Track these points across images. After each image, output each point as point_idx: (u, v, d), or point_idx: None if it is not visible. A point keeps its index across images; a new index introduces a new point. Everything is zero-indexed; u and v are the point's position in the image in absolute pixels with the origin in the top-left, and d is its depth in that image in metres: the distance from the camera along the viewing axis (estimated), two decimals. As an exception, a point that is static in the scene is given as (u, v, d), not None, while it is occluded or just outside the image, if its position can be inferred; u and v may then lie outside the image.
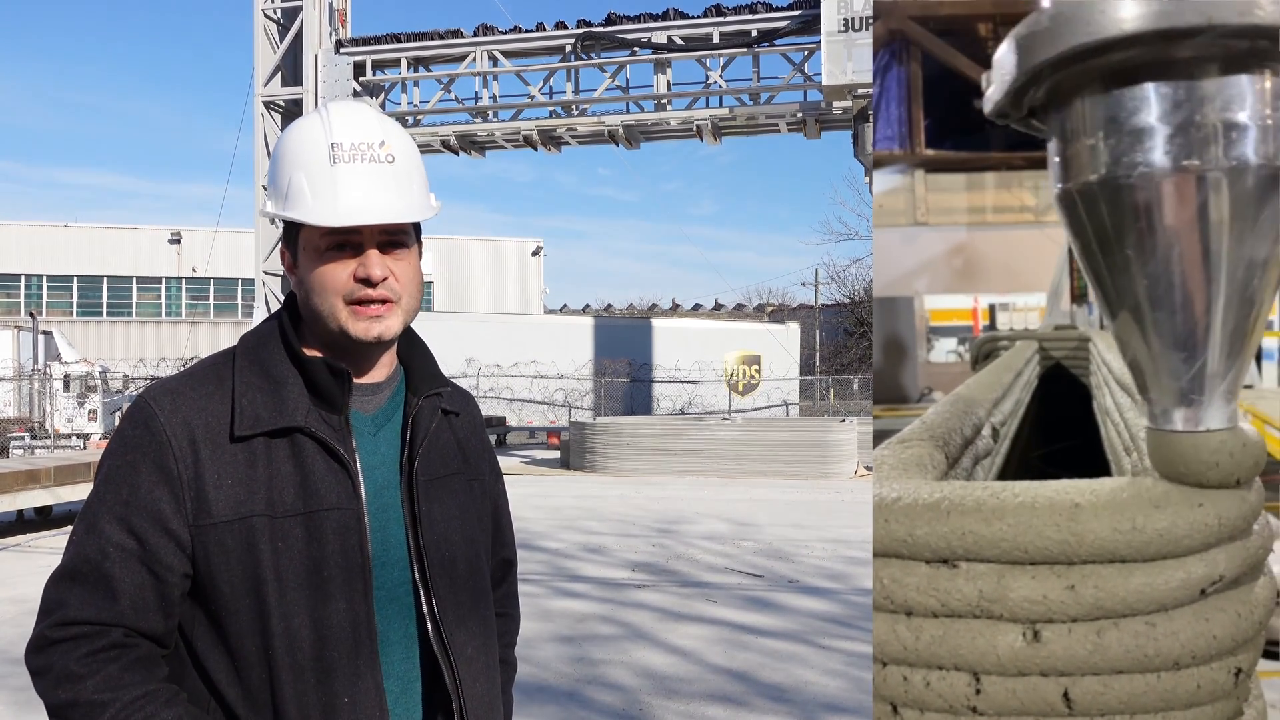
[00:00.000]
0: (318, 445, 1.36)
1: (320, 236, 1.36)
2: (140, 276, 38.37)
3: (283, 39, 17.50)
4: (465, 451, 1.55)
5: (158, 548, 1.30)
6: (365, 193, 1.35)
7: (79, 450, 19.79)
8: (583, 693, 5.47)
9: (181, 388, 1.37)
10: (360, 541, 1.35)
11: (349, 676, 1.32)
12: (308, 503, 1.34)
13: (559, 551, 9.91)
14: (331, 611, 1.32)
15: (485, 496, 1.59)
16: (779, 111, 16.15)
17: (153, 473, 1.31)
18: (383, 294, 1.37)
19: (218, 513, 1.31)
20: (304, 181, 1.35)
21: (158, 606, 1.31)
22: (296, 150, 1.38)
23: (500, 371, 26.80)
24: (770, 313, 47.56)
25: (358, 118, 1.39)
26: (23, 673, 6.36)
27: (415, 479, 1.43)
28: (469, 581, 1.47)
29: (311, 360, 1.39)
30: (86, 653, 1.26)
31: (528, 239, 41.67)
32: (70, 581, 1.30)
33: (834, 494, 15.24)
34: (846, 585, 8.25)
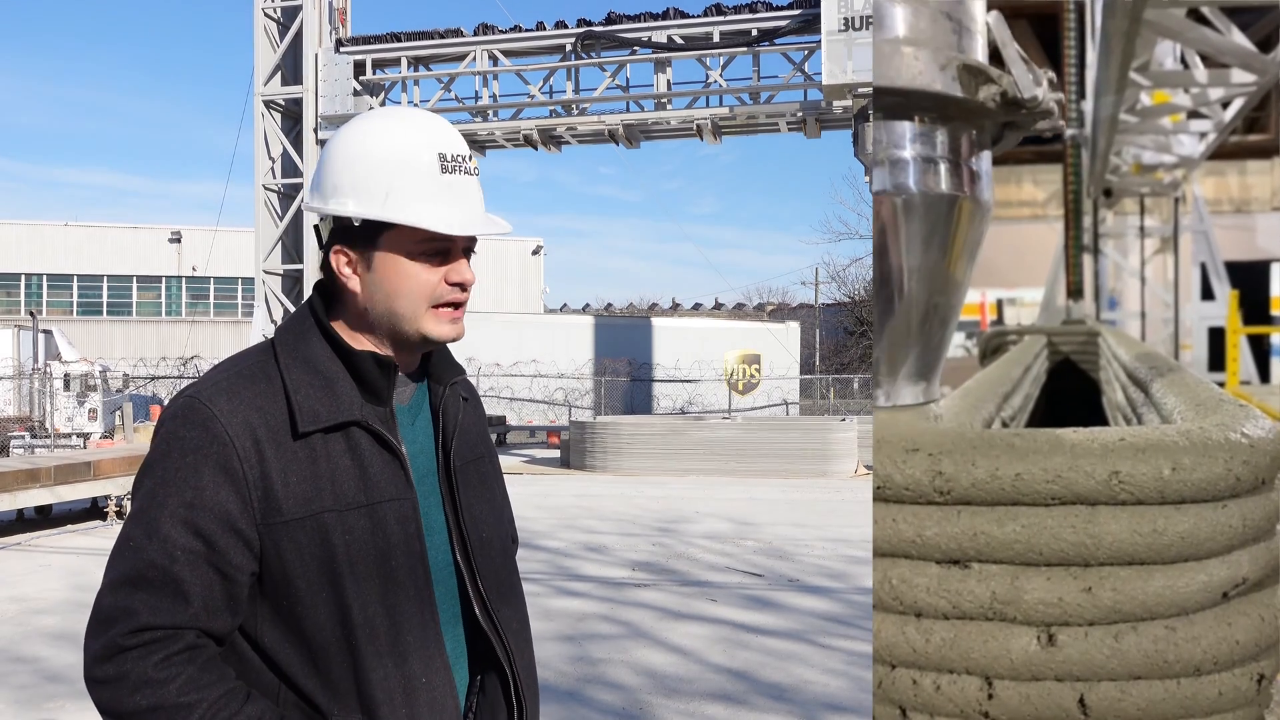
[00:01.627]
0: (371, 438, 1.40)
1: (416, 242, 1.41)
2: (140, 276, 38.35)
3: (283, 38, 17.49)
4: (483, 434, 1.64)
5: (227, 548, 1.32)
6: (467, 204, 1.43)
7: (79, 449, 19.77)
8: (583, 692, 5.46)
9: (235, 387, 1.38)
10: (418, 529, 1.42)
11: (423, 658, 1.39)
12: (369, 494, 1.38)
13: (559, 550, 9.89)
14: (401, 598, 1.38)
15: (499, 477, 1.66)
16: (779, 111, 16.14)
17: (216, 474, 1.32)
18: (465, 298, 1.46)
19: (289, 510, 1.34)
20: (410, 186, 1.39)
21: (226, 607, 1.33)
22: (398, 156, 1.40)
23: (500, 371, 26.78)
24: (770, 312, 47.56)
25: (448, 131, 1.46)
26: (23, 671, 6.32)
27: (452, 465, 1.49)
28: (503, 561, 1.56)
29: (360, 354, 1.42)
30: (163, 657, 1.27)
31: (528, 238, 41.62)
32: (133, 588, 1.30)
33: (834, 493, 15.23)
34: (847, 584, 8.23)
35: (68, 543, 11.00)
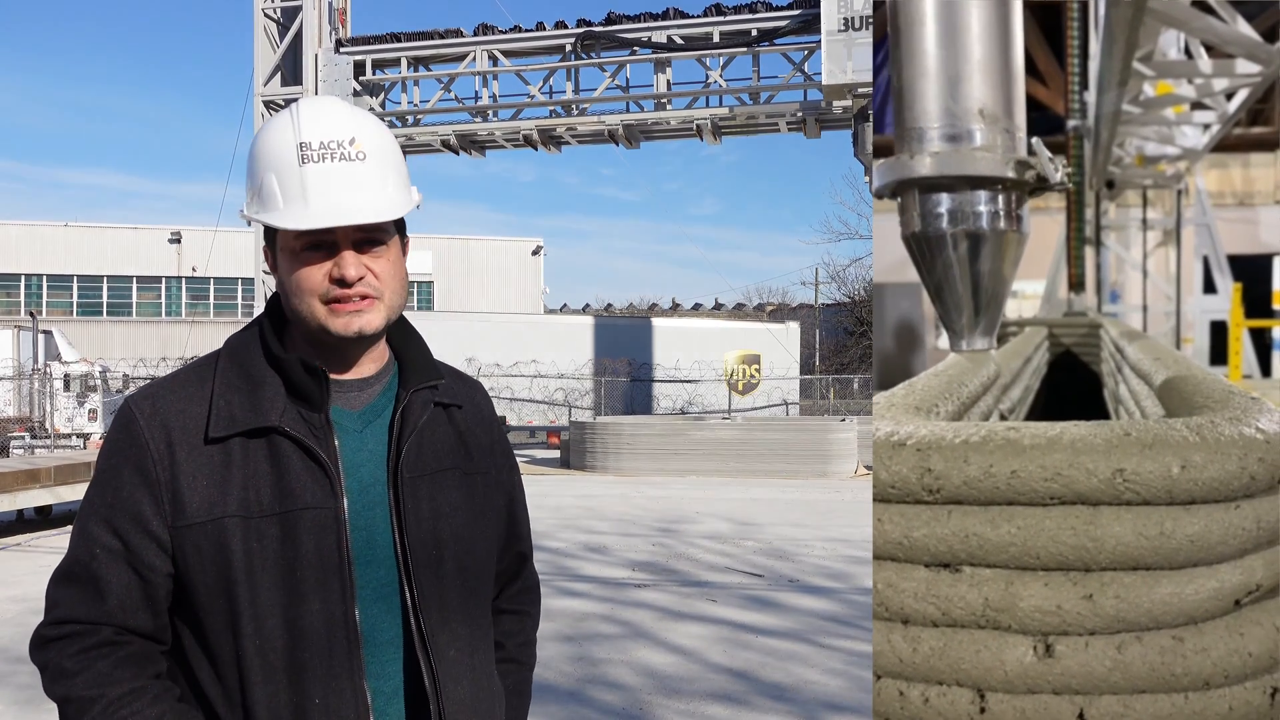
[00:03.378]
0: (294, 445, 1.36)
1: (294, 238, 1.36)
2: (140, 276, 38.37)
3: (283, 38, 17.45)
4: (467, 445, 1.52)
5: (140, 548, 1.33)
6: (336, 193, 1.34)
7: (79, 450, 19.78)
8: (584, 692, 5.46)
9: (163, 391, 1.40)
10: (338, 540, 1.34)
11: (322, 678, 1.32)
12: (283, 502, 1.34)
13: (560, 551, 9.88)
14: (305, 612, 1.32)
15: (494, 490, 1.55)
16: (779, 111, 16.10)
17: (133, 475, 1.34)
18: (361, 290, 1.37)
19: (191, 514, 1.33)
20: (275, 183, 1.35)
21: (144, 605, 1.34)
22: (267, 150, 1.37)
23: (500, 371, 26.72)
24: (770, 312, 47.53)
25: (327, 115, 1.37)
26: (24, 671, 6.35)
27: (400, 474, 1.41)
28: (457, 581, 1.44)
29: (288, 359, 1.39)
30: (78, 650, 1.31)
31: (528, 239, 41.69)
32: (65, 582, 1.36)
33: (834, 493, 15.24)
34: (847, 584, 8.24)
35: (67, 543, 11.02)
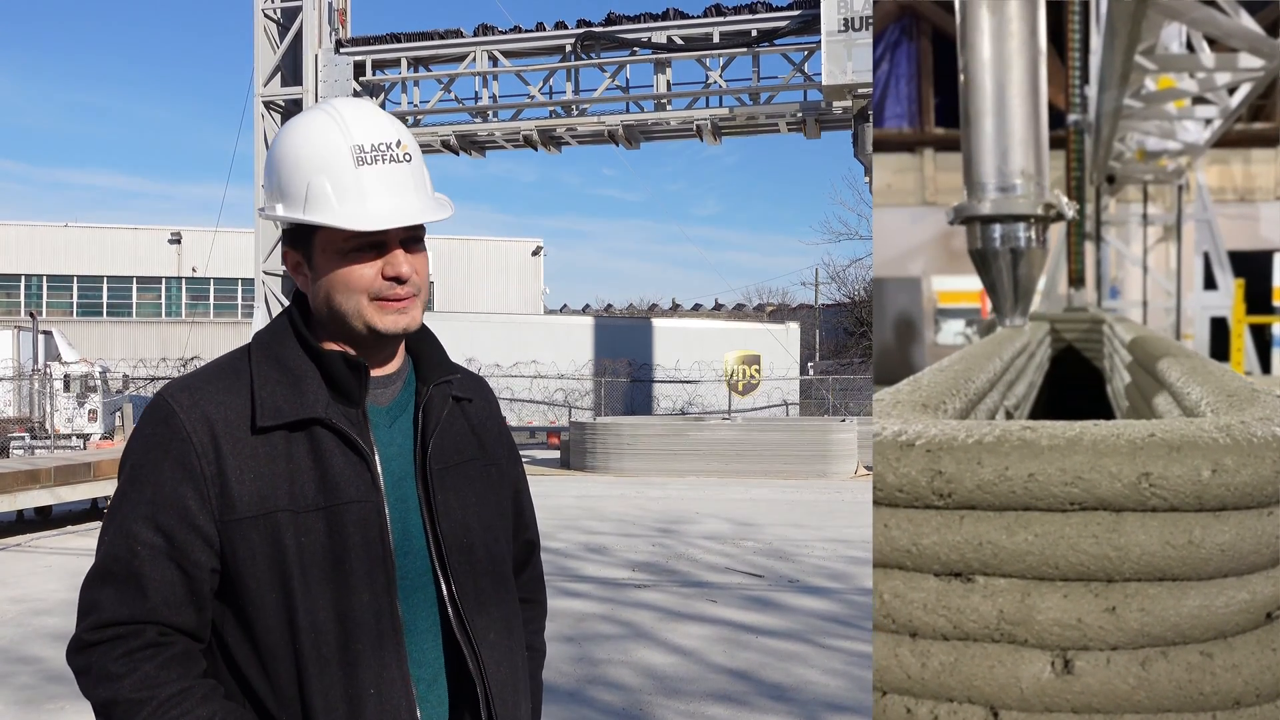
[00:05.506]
0: (337, 438, 1.38)
1: (345, 239, 1.39)
2: (140, 276, 38.26)
3: (283, 39, 17.40)
4: (480, 437, 1.57)
5: (185, 544, 1.33)
6: (392, 194, 1.38)
7: (79, 450, 19.72)
8: (585, 692, 5.46)
9: (199, 383, 1.40)
10: (381, 533, 1.38)
11: (374, 667, 1.35)
12: (328, 496, 1.36)
13: (560, 551, 9.87)
14: (355, 604, 1.35)
15: (503, 482, 1.60)
16: (779, 111, 16.05)
17: (175, 469, 1.34)
18: (409, 289, 1.41)
19: (242, 508, 1.34)
20: (327, 185, 1.37)
21: (189, 602, 1.34)
22: (313, 153, 1.39)
23: (500, 371, 26.64)
24: (770, 312, 47.43)
25: (371, 118, 1.41)
26: (24, 671, 6.35)
27: (429, 468, 1.45)
28: (488, 567, 1.49)
29: (329, 354, 1.41)
30: (123, 653, 1.30)
31: (528, 239, 41.58)
32: (102, 583, 1.34)
33: (834, 494, 15.22)
34: (847, 585, 8.24)
35: (68, 544, 11.02)
